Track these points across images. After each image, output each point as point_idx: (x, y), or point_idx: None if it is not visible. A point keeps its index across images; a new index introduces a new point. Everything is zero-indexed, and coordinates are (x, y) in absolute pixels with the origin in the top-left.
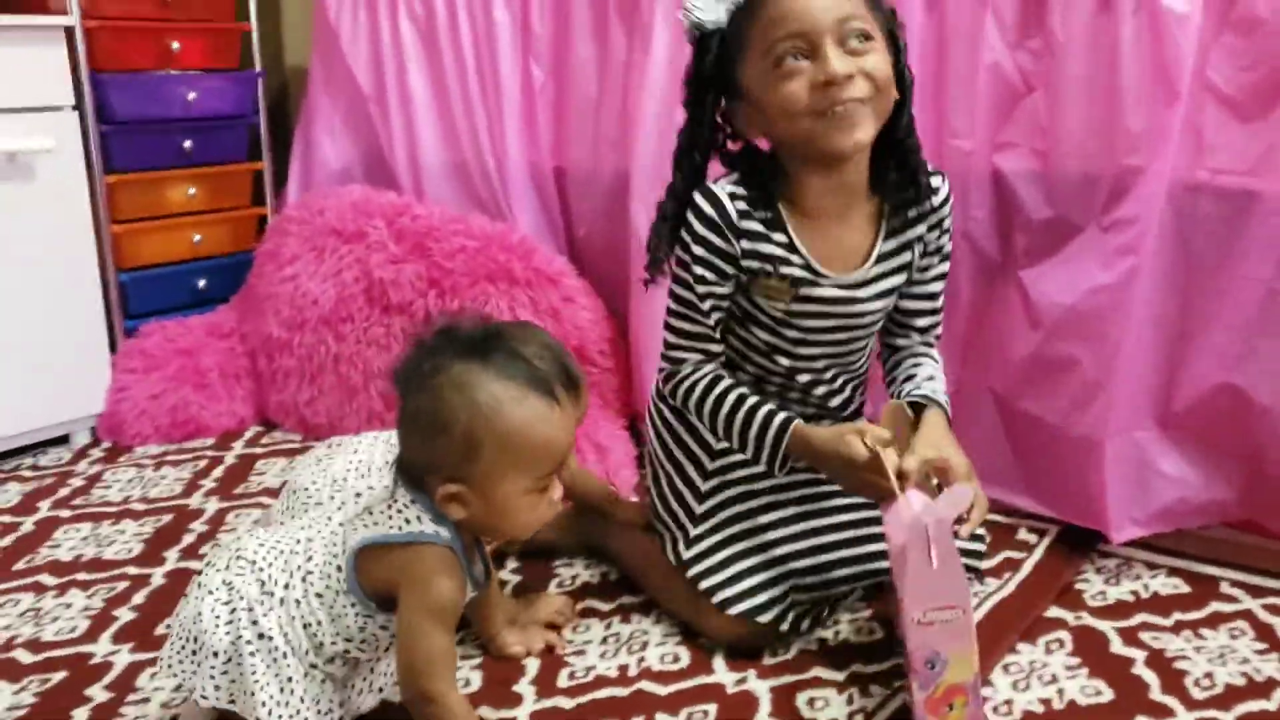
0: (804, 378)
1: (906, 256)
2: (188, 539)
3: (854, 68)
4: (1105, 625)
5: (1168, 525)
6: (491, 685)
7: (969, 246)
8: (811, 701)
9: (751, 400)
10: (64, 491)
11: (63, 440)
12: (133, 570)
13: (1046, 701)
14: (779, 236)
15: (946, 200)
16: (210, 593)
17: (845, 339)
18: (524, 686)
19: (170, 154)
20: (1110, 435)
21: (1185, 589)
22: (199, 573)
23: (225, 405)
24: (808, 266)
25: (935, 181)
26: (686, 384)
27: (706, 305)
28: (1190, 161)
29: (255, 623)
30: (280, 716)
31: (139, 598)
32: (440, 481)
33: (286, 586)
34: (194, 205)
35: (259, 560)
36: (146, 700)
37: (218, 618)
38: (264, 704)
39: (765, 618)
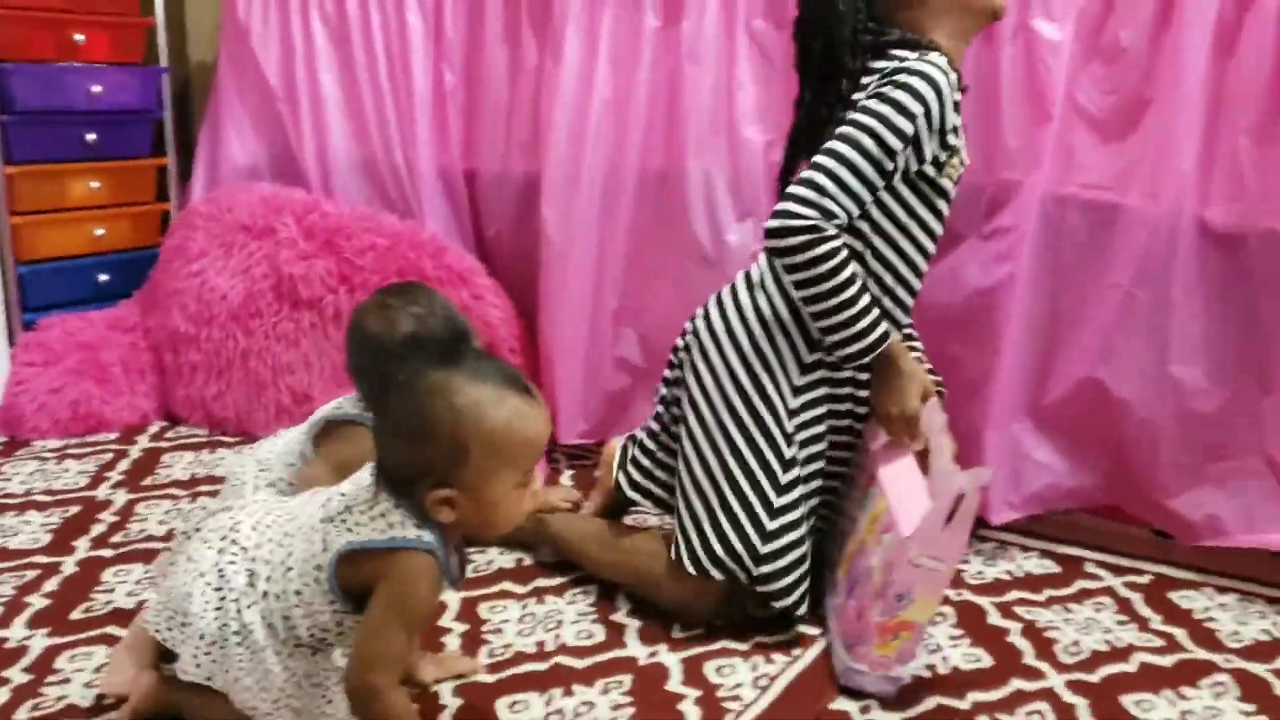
0: (910, 290)
1: None
2: (97, 529)
3: None
4: (984, 600)
5: (1039, 508)
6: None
7: None
8: (719, 669)
9: (869, 295)
10: None
11: None
12: (42, 559)
13: (932, 667)
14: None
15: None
16: (202, 574)
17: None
18: None
19: (73, 146)
20: (989, 427)
21: (1055, 569)
22: (187, 536)
23: (127, 400)
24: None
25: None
26: (832, 245)
27: (891, 168)
28: (1061, 176)
29: (240, 613)
30: (262, 700)
31: (51, 585)
32: (429, 487)
33: (269, 579)
34: (96, 199)
35: (250, 548)
36: (67, 681)
37: (207, 603)
38: (247, 688)
39: (786, 601)
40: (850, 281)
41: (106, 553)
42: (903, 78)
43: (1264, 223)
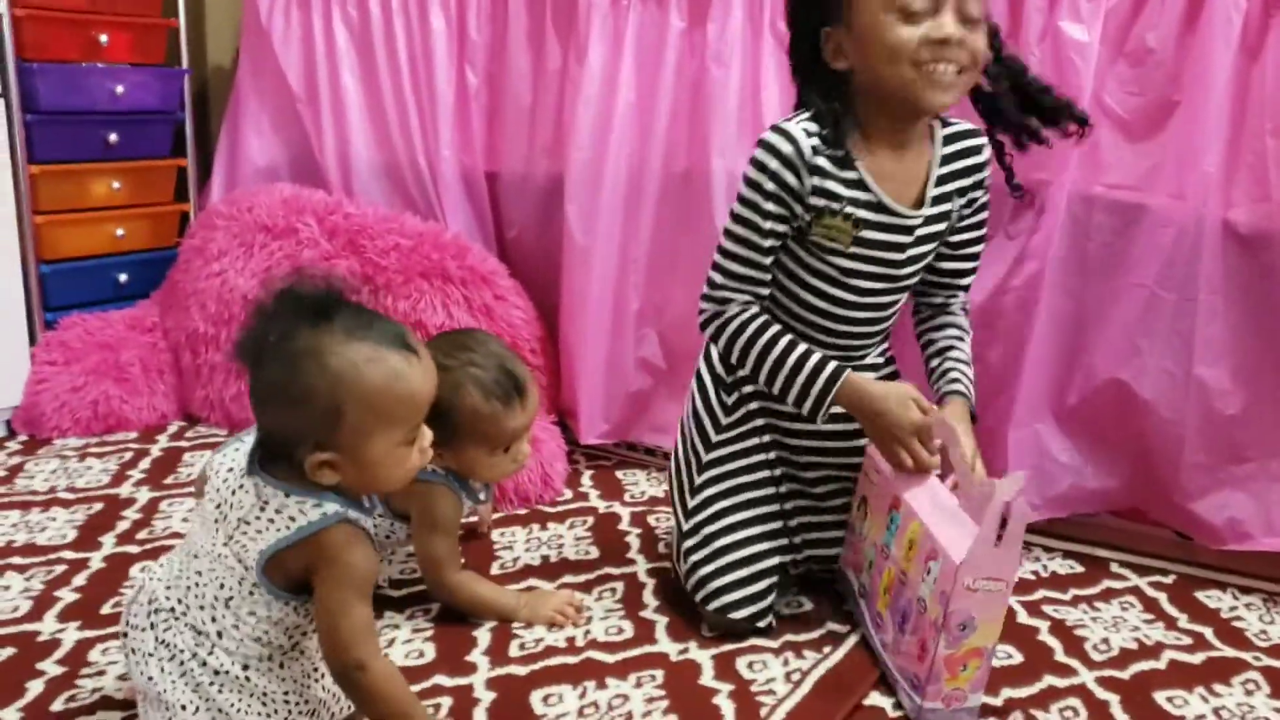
0: (842, 337)
1: (949, 205)
2: (122, 525)
3: (965, 35)
4: (1012, 600)
5: (1063, 511)
6: (446, 656)
7: None
8: (751, 664)
9: (803, 346)
10: None
11: None
12: (69, 555)
13: None
14: (849, 174)
15: (989, 161)
16: (150, 654)
17: (886, 295)
18: (477, 656)
19: (95, 147)
20: (1013, 426)
21: (1080, 569)
22: (124, 634)
23: (146, 400)
24: (873, 202)
25: (979, 140)
26: (736, 324)
27: (768, 244)
28: (1088, 177)
29: (205, 663)
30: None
31: (80, 579)
32: (308, 451)
33: (214, 620)
34: (117, 199)
35: (178, 607)
36: (102, 673)
37: (169, 674)
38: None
39: (740, 614)
40: (769, 349)
41: (133, 549)
42: (756, 150)
43: None
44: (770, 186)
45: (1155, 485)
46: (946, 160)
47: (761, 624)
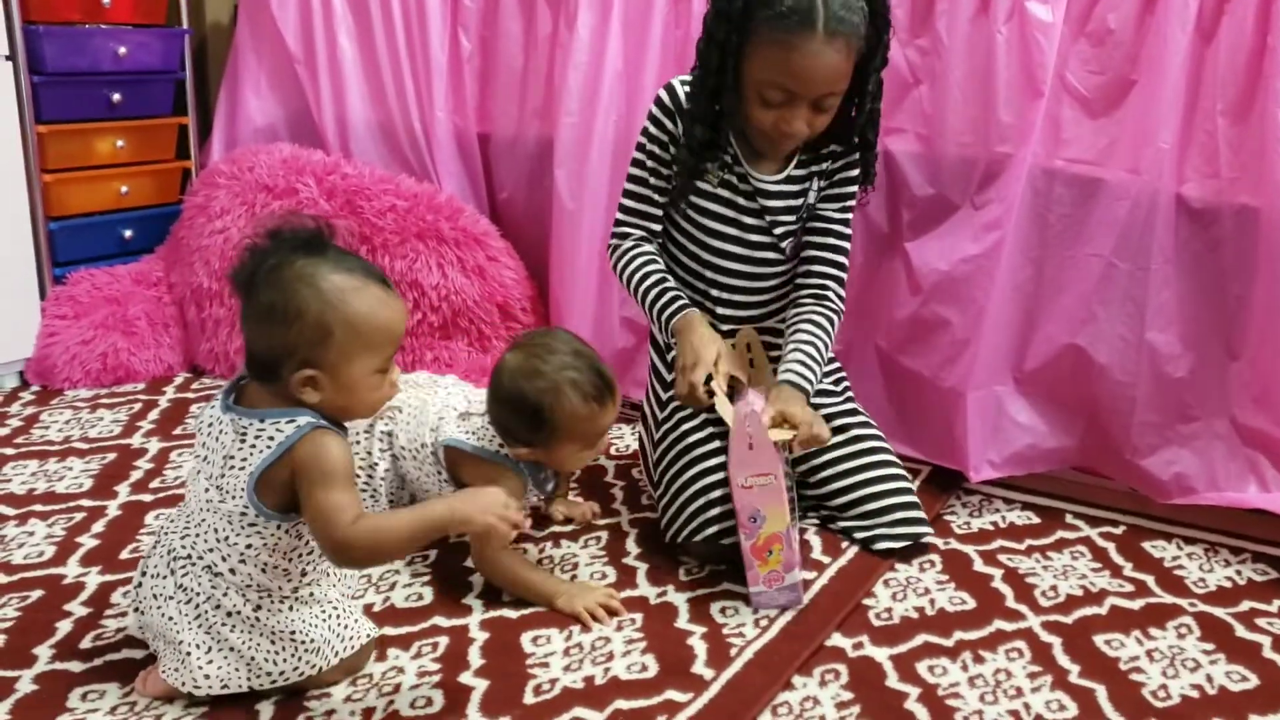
0: (736, 292)
1: (810, 183)
2: (135, 475)
3: (809, 127)
4: (969, 549)
5: (1020, 469)
6: (442, 599)
7: (862, 218)
8: (723, 610)
9: (667, 284)
10: (3, 431)
11: None
12: (87, 503)
13: (920, 609)
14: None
15: (856, 150)
16: (170, 597)
17: (758, 256)
18: (472, 600)
19: (99, 106)
20: (973, 388)
21: (1036, 520)
22: (138, 585)
23: (153, 352)
24: (735, 158)
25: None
26: (627, 257)
27: (653, 181)
28: (1049, 150)
29: (219, 605)
30: (285, 659)
31: (99, 526)
32: (294, 368)
33: (224, 559)
34: (121, 157)
35: (192, 553)
36: (124, 614)
37: (185, 616)
38: (265, 660)
39: (729, 541)
40: (642, 282)
41: (146, 497)
42: None
43: (1237, 199)
44: (653, 130)
45: (1108, 444)
46: (810, 147)
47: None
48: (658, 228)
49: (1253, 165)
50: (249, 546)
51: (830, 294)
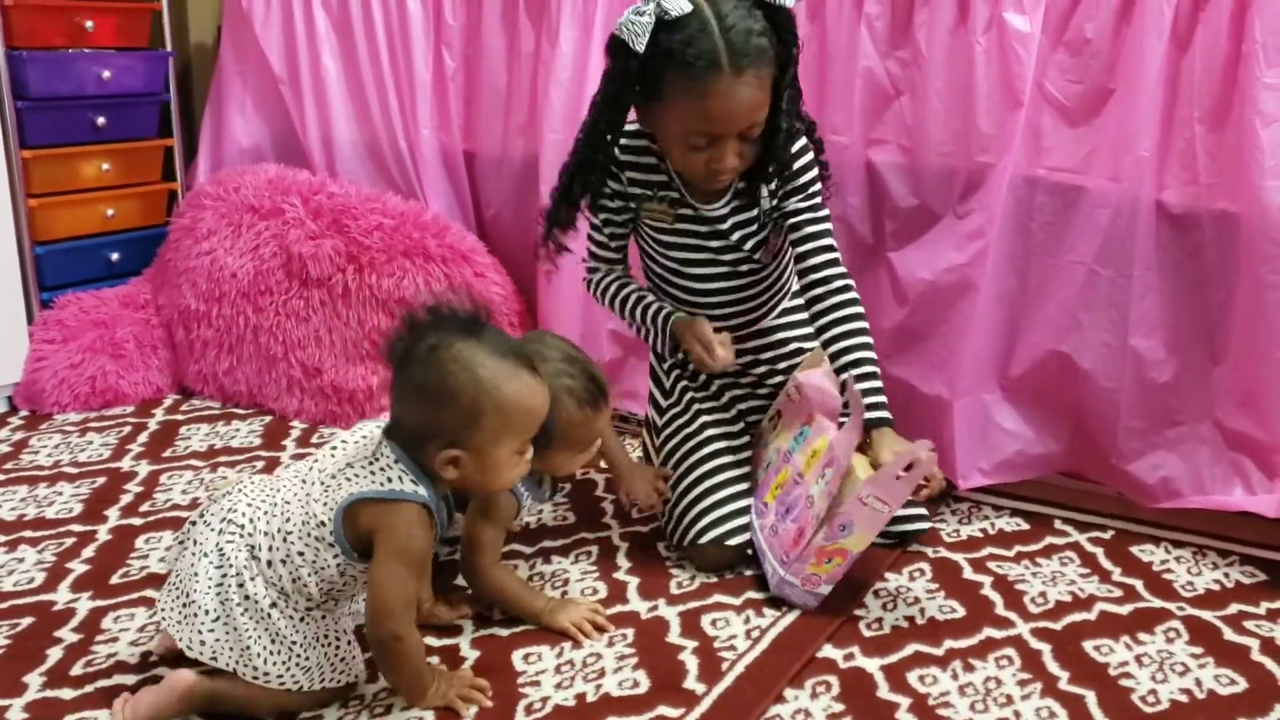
0: (715, 309)
1: (759, 191)
2: (125, 499)
3: (740, 158)
4: (959, 557)
5: (1009, 476)
6: None
7: (846, 229)
8: (714, 622)
9: (648, 299)
10: None
11: None
12: (77, 528)
13: (910, 619)
14: (660, 176)
15: (806, 148)
16: (205, 555)
17: (740, 270)
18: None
19: (84, 130)
20: (959, 396)
21: (1025, 526)
22: (193, 523)
23: (142, 374)
24: (681, 197)
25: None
26: (600, 287)
27: (608, 230)
28: (1030, 159)
29: (242, 585)
30: (274, 665)
31: (89, 551)
32: (440, 447)
33: (270, 549)
34: (107, 180)
35: (247, 525)
36: (115, 640)
37: (210, 580)
38: (258, 654)
39: (734, 541)
40: (621, 304)
41: (136, 521)
42: None
43: (1216, 205)
44: (605, 190)
45: (1094, 449)
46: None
47: (751, 550)
48: (617, 258)
49: (1230, 171)
50: (300, 554)
51: (838, 282)
